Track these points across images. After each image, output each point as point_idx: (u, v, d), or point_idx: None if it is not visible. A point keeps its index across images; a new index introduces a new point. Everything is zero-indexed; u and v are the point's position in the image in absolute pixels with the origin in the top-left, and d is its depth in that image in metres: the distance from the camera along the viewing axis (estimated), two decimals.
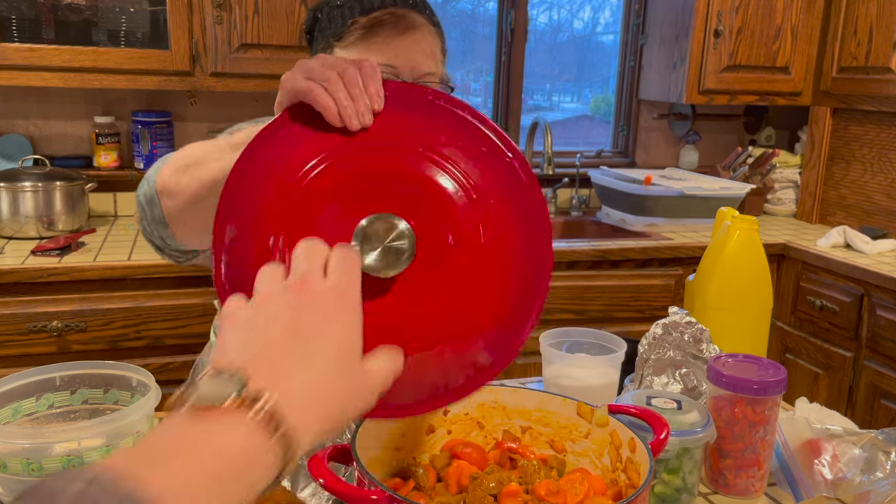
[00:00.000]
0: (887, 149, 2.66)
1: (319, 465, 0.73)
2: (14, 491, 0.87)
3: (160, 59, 2.23)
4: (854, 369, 2.39)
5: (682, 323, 1.14)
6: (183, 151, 1.00)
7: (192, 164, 0.96)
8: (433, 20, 1.23)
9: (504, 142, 0.73)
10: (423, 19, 1.20)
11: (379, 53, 1.15)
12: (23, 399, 0.98)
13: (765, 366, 1.04)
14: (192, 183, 0.95)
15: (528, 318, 0.69)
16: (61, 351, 2.01)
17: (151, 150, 2.51)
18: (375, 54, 1.15)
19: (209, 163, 0.93)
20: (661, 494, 0.97)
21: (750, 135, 3.32)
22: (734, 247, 1.40)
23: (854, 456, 1.00)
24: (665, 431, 0.85)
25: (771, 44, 2.81)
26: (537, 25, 3.18)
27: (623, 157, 3.26)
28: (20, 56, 2.13)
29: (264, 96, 2.67)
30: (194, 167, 0.95)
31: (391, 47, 1.15)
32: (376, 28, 1.16)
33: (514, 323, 0.69)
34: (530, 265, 0.70)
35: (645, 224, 2.75)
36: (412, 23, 1.17)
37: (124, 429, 0.90)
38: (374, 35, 1.16)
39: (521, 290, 0.69)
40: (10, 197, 2.17)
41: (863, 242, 2.50)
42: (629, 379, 1.19)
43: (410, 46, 1.16)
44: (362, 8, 1.18)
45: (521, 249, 0.70)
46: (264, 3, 2.27)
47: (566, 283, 2.42)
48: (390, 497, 0.69)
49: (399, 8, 1.17)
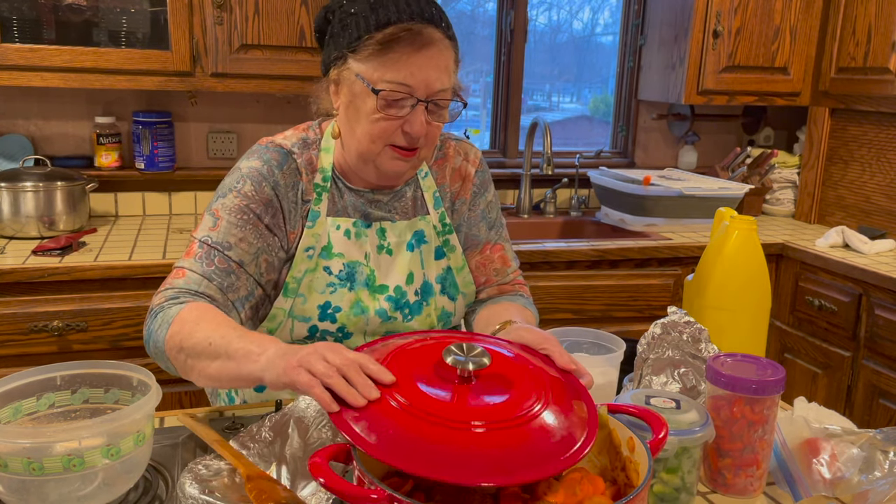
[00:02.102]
0: (885, 149, 2.66)
1: (319, 465, 0.74)
2: (15, 490, 0.88)
3: (161, 60, 2.23)
4: (852, 369, 2.40)
5: (681, 323, 1.15)
6: (182, 326, 1.09)
7: (192, 354, 1.07)
8: (449, 33, 1.21)
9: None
10: (440, 34, 1.18)
11: (394, 71, 1.15)
12: (24, 398, 0.98)
13: (763, 365, 1.05)
14: (197, 377, 1.09)
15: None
16: (62, 350, 2.01)
17: (152, 151, 2.51)
18: (391, 71, 1.15)
19: (207, 361, 1.05)
20: (660, 494, 0.97)
21: (749, 135, 3.32)
22: (733, 247, 1.40)
23: (852, 455, 1.01)
24: (664, 431, 0.86)
25: (770, 44, 2.82)
26: (537, 26, 3.18)
27: (622, 158, 3.26)
28: (21, 56, 2.13)
29: (265, 97, 2.67)
30: (195, 360, 1.07)
31: (406, 65, 1.15)
32: (392, 44, 1.15)
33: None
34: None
35: (644, 224, 2.75)
36: (428, 39, 1.16)
37: (125, 428, 0.90)
38: (389, 51, 1.15)
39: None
40: (11, 197, 2.18)
41: (861, 242, 2.50)
42: (628, 378, 1.20)
43: (426, 64, 1.16)
44: (378, 21, 1.16)
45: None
46: (264, 4, 2.27)
47: (565, 283, 2.42)
48: (390, 496, 0.69)
49: (415, 23, 1.15)
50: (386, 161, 1.22)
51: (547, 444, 0.75)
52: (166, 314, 1.13)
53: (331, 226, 1.27)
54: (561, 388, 0.86)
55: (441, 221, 1.35)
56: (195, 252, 1.19)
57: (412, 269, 1.31)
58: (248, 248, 1.20)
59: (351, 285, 1.27)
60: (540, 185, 3.03)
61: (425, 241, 1.33)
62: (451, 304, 1.35)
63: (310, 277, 1.26)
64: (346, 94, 1.22)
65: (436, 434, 0.73)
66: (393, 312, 1.29)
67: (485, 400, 0.80)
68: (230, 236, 1.20)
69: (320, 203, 1.27)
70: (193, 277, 1.17)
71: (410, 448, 0.72)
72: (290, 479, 0.95)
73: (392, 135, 1.19)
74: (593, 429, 0.80)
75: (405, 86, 1.16)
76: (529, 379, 0.85)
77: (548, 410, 0.79)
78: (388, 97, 1.16)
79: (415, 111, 1.17)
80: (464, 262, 1.37)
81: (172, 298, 1.15)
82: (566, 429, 0.78)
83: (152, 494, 0.97)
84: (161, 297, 1.16)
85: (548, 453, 0.74)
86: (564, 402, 0.83)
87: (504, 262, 1.44)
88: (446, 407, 0.77)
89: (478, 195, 1.42)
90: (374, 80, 1.16)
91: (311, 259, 1.25)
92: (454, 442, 0.73)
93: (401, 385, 0.81)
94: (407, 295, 1.30)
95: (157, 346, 1.13)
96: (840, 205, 2.85)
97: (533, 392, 0.82)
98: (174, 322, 1.10)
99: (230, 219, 1.20)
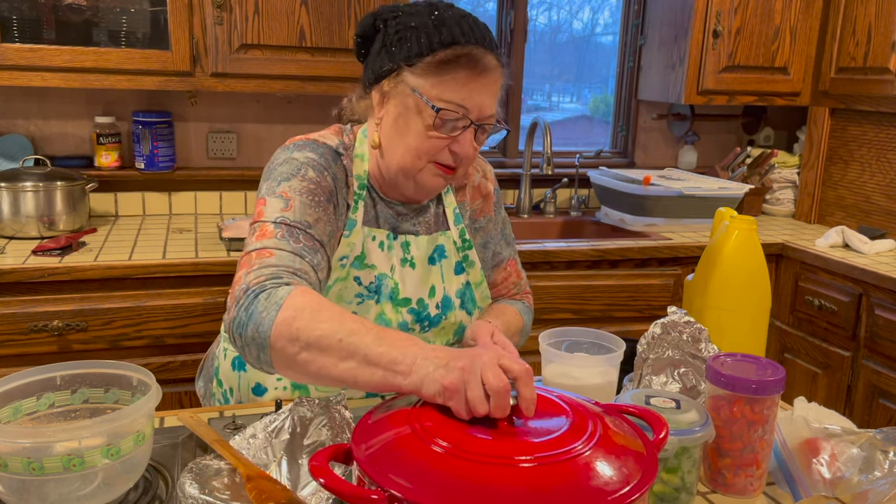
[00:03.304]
0: (885, 149, 2.66)
1: (320, 465, 0.73)
2: (15, 490, 0.88)
3: (161, 60, 2.23)
4: (852, 369, 2.40)
5: (681, 322, 1.15)
6: (299, 313, 0.94)
7: (314, 347, 0.93)
8: (503, 61, 1.22)
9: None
10: (496, 62, 1.19)
11: (452, 91, 1.16)
12: (24, 398, 0.98)
13: (763, 365, 1.05)
14: (310, 374, 0.95)
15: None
16: (62, 350, 2.01)
17: (152, 151, 2.51)
18: (449, 91, 1.16)
19: (335, 360, 0.92)
20: (660, 493, 0.97)
21: (748, 135, 3.32)
22: (733, 247, 1.40)
23: (852, 455, 1.01)
24: (664, 431, 0.86)
25: (770, 44, 2.82)
26: (537, 26, 3.18)
27: (622, 158, 3.26)
28: (21, 56, 2.13)
29: (264, 97, 2.67)
30: (318, 355, 0.93)
31: (465, 88, 1.16)
32: (453, 65, 1.15)
33: None
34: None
35: (644, 224, 2.75)
36: (488, 65, 1.17)
37: (125, 428, 0.90)
38: (450, 71, 1.15)
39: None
40: (11, 197, 2.18)
41: (861, 242, 2.50)
42: (628, 378, 1.20)
43: (482, 90, 1.17)
44: (441, 40, 1.16)
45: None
46: (264, 4, 2.27)
47: (565, 283, 2.42)
48: (390, 496, 0.69)
49: (478, 48, 1.16)
50: (427, 177, 1.22)
51: (597, 481, 0.71)
52: (272, 296, 0.98)
53: (367, 235, 1.26)
54: (613, 424, 0.82)
55: (461, 237, 1.36)
56: (273, 232, 1.09)
57: (434, 282, 1.31)
58: (324, 229, 1.15)
59: (378, 297, 1.26)
60: (540, 184, 3.03)
61: (446, 255, 1.34)
62: (469, 319, 1.35)
63: (340, 286, 1.23)
64: (397, 106, 1.20)
65: (482, 472, 0.71)
66: (413, 325, 1.29)
67: (528, 435, 0.77)
68: (307, 216, 1.13)
69: (357, 211, 1.25)
70: (285, 255, 1.06)
71: (456, 489, 0.69)
72: (290, 479, 0.95)
73: (439, 153, 1.19)
74: (650, 471, 0.74)
75: (462, 107, 1.16)
76: (575, 414, 0.81)
77: (598, 448, 0.76)
78: (445, 116, 1.17)
79: (465, 132, 1.18)
80: (482, 277, 1.38)
81: (275, 277, 1.01)
82: (618, 467, 0.74)
83: (152, 494, 0.97)
84: (258, 276, 1.01)
85: (596, 491, 0.70)
86: (617, 439, 0.79)
87: (519, 275, 1.49)
88: (490, 445, 0.75)
89: (497, 212, 1.45)
90: (432, 97, 1.16)
91: (343, 268, 1.24)
92: (500, 479, 0.70)
93: (442, 427, 0.78)
94: (428, 308, 1.30)
95: (258, 331, 0.97)
96: (840, 205, 2.85)
97: (580, 428, 0.79)
98: (284, 307, 0.96)
99: (303, 199, 1.14)
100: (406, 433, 0.77)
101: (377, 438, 0.77)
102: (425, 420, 0.79)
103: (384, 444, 0.76)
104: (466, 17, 1.19)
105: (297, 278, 1.03)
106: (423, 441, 0.75)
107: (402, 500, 0.69)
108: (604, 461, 0.73)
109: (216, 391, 1.42)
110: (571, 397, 0.86)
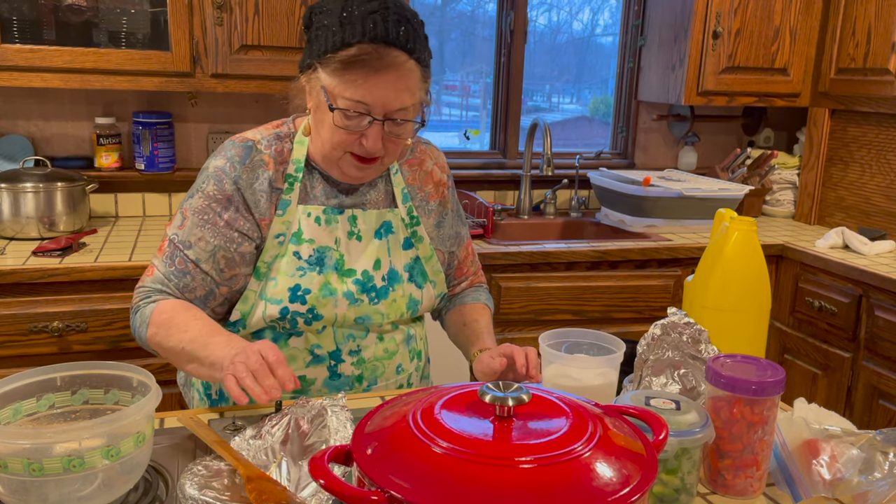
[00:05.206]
0: (885, 150, 2.66)
1: (320, 466, 0.74)
2: (15, 491, 0.88)
3: (161, 61, 2.23)
4: (852, 370, 2.40)
5: (681, 324, 1.15)
6: (158, 329, 1.26)
7: (170, 354, 1.26)
8: (415, 55, 1.24)
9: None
10: (403, 56, 1.23)
11: (353, 89, 1.22)
12: (24, 399, 0.98)
13: (763, 366, 1.05)
14: (178, 367, 1.29)
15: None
16: (62, 351, 2.01)
17: (152, 151, 2.51)
18: (350, 89, 1.22)
19: (184, 363, 1.24)
20: (660, 494, 0.97)
21: (748, 136, 3.33)
22: (733, 248, 1.40)
23: (852, 456, 1.01)
24: (664, 432, 0.86)
25: (769, 45, 2.82)
26: (537, 27, 3.18)
27: (622, 159, 3.26)
28: (21, 57, 2.13)
29: (264, 97, 2.67)
30: (174, 359, 1.26)
31: (365, 86, 1.22)
32: (353, 65, 1.21)
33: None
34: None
35: (644, 225, 2.75)
36: (389, 62, 1.21)
37: (125, 429, 0.90)
38: (350, 71, 1.21)
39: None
40: (12, 198, 2.18)
41: (861, 243, 2.50)
42: (628, 379, 1.20)
43: (384, 85, 1.22)
44: (343, 40, 1.21)
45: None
46: (264, 5, 2.27)
47: (565, 284, 2.42)
48: (390, 497, 0.69)
49: (378, 45, 1.20)
50: (346, 166, 1.31)
51: (597, 482, 0.71)
52: (143, 314, 1.29)
53: (301, 213, 1.34)
54: (612, 425, 0.81)
55: (409, 214, 1.43)
56: (164, 249, 1.33)
57: (379, 255, 1.38)
58: (204, 247, 1.31)
59: (320, 269, 1.33)
60: (540, 185, 3.03)
61: (392, 231, 1.40)
62: (419, 292, 1.42)
63: (279, 262, 1.33)
64: (313, 99, 1.30)
65: (482, 473, 0.71)
66: (360, 295, 1.35)
67: (529, 436, 0.76)
68: (191, 235, 1.31)
69: (291, 192, 1.34)
70: (158, 277, 1.32)
71: (456, 490, 0.69)
72: (290, 479, 0.96)
73: (351, 145, 1.28)
74: (650, 472, 0.75)
75: (362, 104, 1.23)
76: (575, 415, 0.81)
77: (598, 449, 0.75)
78: (347, 114, 1.24)
79: (372, 127, 1.25)
80: (432, 251, 1.45)
81: (145, 298, 1.31)
82: (618, 468, 0.73)
83: (152, 495, 0.97)
84: (137, 297, 1.32)
85: (597, 492, 0.70)
86: (617, 440, 0.79)
87: (474, 255, 1.61)
88: (490, 445, 0.74)
89: (452, 196, 1.54)
90: (335, 95, 1.24)
91: (281, 245, 1.33)
92: (500, 479, 0.71)
93: (442, 428, 0.78)
94: (374, 279, 1.37)
95: (140, 340, 1.32)
96: (840, 206, 2.85)
97: (580, 428, 0.78)
98: (150, 324, 1.27)
99: (193, 219, 1.32)
100: (406, 433, 0.77)
101: (377, 439, 0.77)
102: (425, 420, 0.79)
103: (384, 445, 0.76)
104: (377, 12, 1.22)
105: (163, 295, 1.31)
106: (423, 441, 0.75)
107: (402, 500, 0.69)
108: (604, 462, 0.73)
109: (195, 381, 1.47)
110: (571, 398, 0.86)
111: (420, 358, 1.49)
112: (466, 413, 0.81)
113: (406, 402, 0.86)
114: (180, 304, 1.28)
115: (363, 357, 1.37)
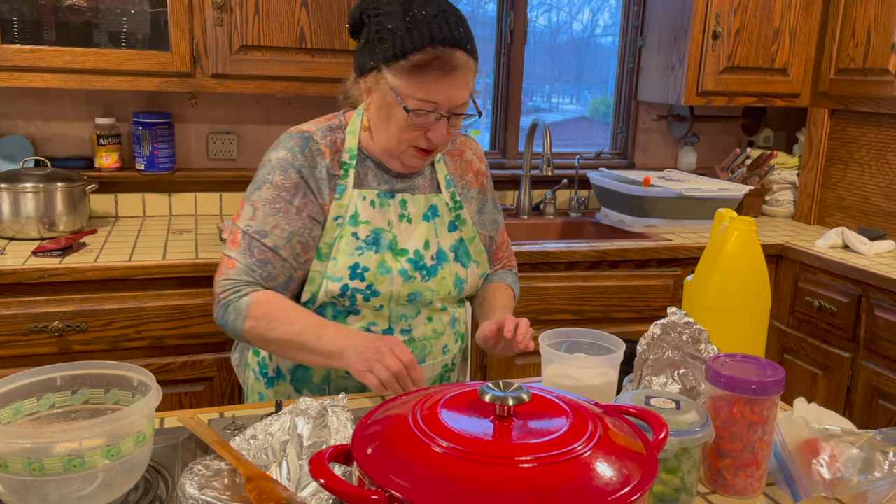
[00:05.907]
0: (885, 150, 2.67)
1: (320, 466, 0.74)
2: (15, 491, 0.88)
3: (161, 61, 2.23)
4: (852, 370, 2.40)
5: (681, 323, 1.15)
6: (258, 322, 1.32)
7: (277, 345, 1.32)
8: (474, 54, 1.34)
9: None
10: (465, 56, 1.31)
11: (424, 91, 1.30)
12: (24, 399, 0.99)
13: (763, 366, 1.05)
14: (282, 357, 1.38)
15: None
16: (62, 351, 2.01)
17: (152, 152, 2.51)
18: (421, 91, 1.29)
19: (293, 352, 1.32)
20: (660, 494, 0.97)
21: (748, 136, 3.33)
22: (732, 248, 1.40)
23: (852, 456, 1.01)
24: (664, 431, 0.86)
25: (769, 45, 2.82)
26: (536, 27, 3.18)
27: (622, 159, 3.26)
28: (21, 57, 2.13)
29: (265, 98, 2.67)
30: (282, 349, 1.33)
31: (434, 88, 1.30)
32: (424, 69, 1.28)
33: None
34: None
35: (644, 225, 2.75)
36: (456, 63, 1.30)
37: (125, 429, 0.90)
38: (420, 74, 1.29)
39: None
40: (12, 198, 2.18)
41: (861, 243, 2.50)
42: (628, 379, 1.20)
43: (452, 85, 1.31)
44: (413, 43, 1.27)
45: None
46: (265, 5, 2.27)
47: (565, 284, 2.42)
48: (390, 497, 0.69)
49: (445, 48, 1.28)
50: (408, 158, 1.40)
51: (597, 481, 0.71)
52: (237, 307, 1.33)
53: (357, 197, 1.42)
54: (612, 425, 0.81)
55: (452, 199, 1.51)
56: (239, 242, 1.38)
57: (428, 237, 1.46)
58: (280, 234, 1.37)
59: (377, 248, 1.41)
60: (540, 186, 3.03)
61: (438, 214, 1.49)
62: (464, 271, 1.50)
63: (339, 242, 1.40)
64: (378, 99, 1.36)
65: (482, 472, 0.71)
66: (413, 273, 1.43)
67: (529, 436, 0.77)
68: (265, 224, 1.37)
69: (347, 178, 1.42)
70: (241, 268, 1.36)
71: (456, 489, 0.69)
72: (291, 479, 0.96)
73: (417, 140, 1.36)
74: (650, 471, 0.75)
75: (433, 103, 1.31)
76: (575, 415, 0.81)
77: (598, 448, 0.76)
78: (419, 113, 1.31)
79: (439, 123, 1.33)
80: (475, 233, 1.53)
81: (235, 291, 1.35)
82: (618, 468, 0.74)
83: (153, 495, 0.98)
84: (224, 290, 1.36)
85: (597, 492, 0.70)
86: (617, 439, 0.79)
87: (508, 241, 1.70)
88: (490, 445, 0.75)
89: (489, 186, 1.62)
90: (406, 96, 1.31)
91: (340, 227, 1.40)
92: (500, 479, 0.71)
93: (442, 428, 0.78)
94: (424, 258, 1.45)
95: (235, 333, 1.35)
96: (839, 206, 2.85)
97: (580, 428, 0.79)
98: (248, 317, 1.32)
99: (265, 209, 1.38)
100: (406, 433, 0.77)
101: (377, 439, 0.77)
102: (425, 420, 0.79)
103: (384, 445, 0.76)
104: (438, 16, 1.29)
105: (251, 287, 1.36)
106: (423, 441, 0.75)
107: (402, 500, 0.69)
108: (604, 462, 0.74)
109: (251, 361, 1.52)
110: (571, 398, 0.87)
111: (462, 340, 1.57)
112: (466, 413, 0.81)
113: (406, 401, 0.86)
114: (274, 297, 1.34)
115: (413, 336, 1.45)
